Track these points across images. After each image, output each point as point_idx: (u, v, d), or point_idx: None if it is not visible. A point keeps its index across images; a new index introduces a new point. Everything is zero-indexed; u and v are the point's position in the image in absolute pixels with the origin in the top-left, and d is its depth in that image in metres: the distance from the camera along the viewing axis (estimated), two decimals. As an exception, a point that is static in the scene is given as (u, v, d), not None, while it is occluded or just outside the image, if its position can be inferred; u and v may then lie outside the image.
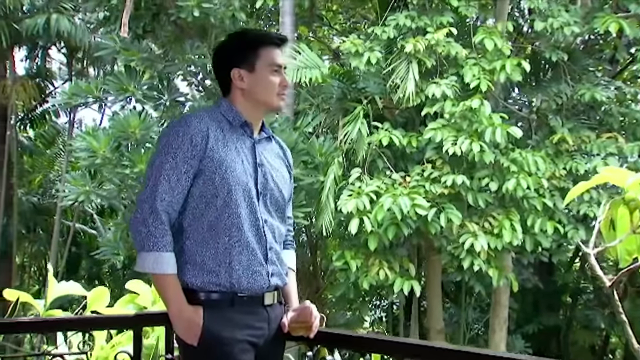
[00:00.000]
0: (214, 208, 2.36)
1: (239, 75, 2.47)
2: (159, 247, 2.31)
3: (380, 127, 9.19)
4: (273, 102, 2.50)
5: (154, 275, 2.35)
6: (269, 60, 2.49)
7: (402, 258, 9.47)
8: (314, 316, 2.53)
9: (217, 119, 2.44)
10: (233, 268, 2.37)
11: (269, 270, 2.44)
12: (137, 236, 2.33)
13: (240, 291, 2.39)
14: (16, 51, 14.29)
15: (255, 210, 2.42)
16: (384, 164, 9.32)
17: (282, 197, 2.53)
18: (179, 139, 2.35)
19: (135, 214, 2.34)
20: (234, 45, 2.52)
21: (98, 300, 3.64)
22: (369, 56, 9.09)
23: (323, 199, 8.90)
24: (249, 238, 2.39)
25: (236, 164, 2.39)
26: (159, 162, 2.36)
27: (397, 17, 9.40)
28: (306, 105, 9.87)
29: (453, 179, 8.87)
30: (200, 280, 2.36)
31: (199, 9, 9.27)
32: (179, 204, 2.36)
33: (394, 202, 8.55)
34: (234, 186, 2.36)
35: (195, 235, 2.37)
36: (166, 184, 2.33)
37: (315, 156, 9.14)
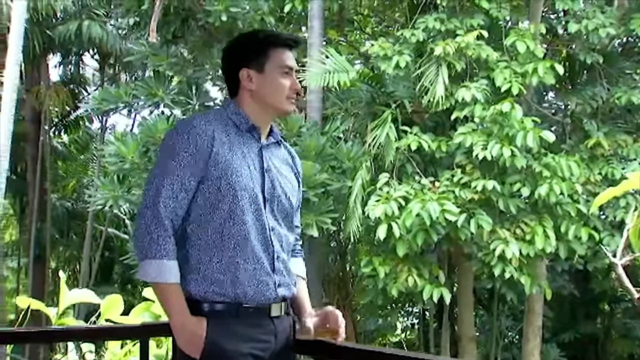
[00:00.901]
0: (219, 215, 2.26)
1: (247, 76, 2.37)
2: (161, 255, 2.21)
3: (409, 131, 9.06)
4: (282, 105, 2.40)
5: (155, 285, 2.26)
6: (279, 62, 2.38)
7: (431, 264, 9.32)
8: (341, 321, 2.42)
9: (223, 121, 2.34)
10: (238, 278, 2.26)
11: (276, 280, 2.33)
12: (139, 244, 2.23)
13: (246, 302, 2.28)
14: (50, 58, 14.46)
15: (262, 218, 2.31)
16: (412, 168, 9.19)
17: (289, 204, 2.42)
18: (184, 142, 2.25)
19: (137, 221, 2.25)
20: (244, 45, 2.42)
21: (111, 309, 3.58)
22: (398, 60, 8.98)
23: (351, 205, 8.80)
24: (256, 246, 2.29)
25: (242, 169, 2.28)
26: (162, 166, 2.26)
27: (426, 19, 9.27)
28: (335, 109, 9.76)
29: (483, 184, 8.70)
30: (204, 290, 2.26)
31: (226, 13, 9.26)
32: (182, 210, 2.26)
33: (423, 207, 8.42)
34: (239, 192, 2.26)
35: (200, 243, 2.27)
36: (170, 189, 2.23)
37: (343, 161, 9.05)
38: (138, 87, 9.66)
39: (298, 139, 9.23)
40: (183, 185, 2.24)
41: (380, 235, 8.49)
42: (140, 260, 2.24)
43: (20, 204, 16.31)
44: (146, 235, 2.21)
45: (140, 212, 2.25)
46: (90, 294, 3.62)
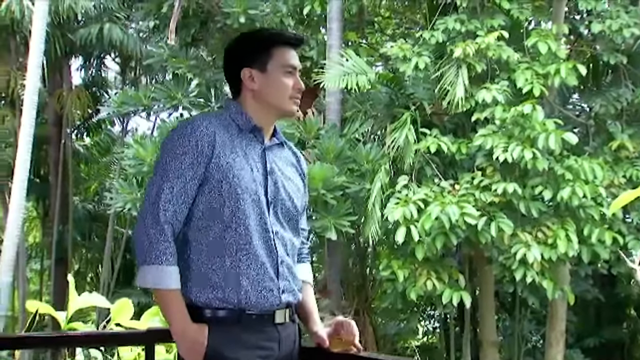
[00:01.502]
0: (221, 218, 2.20)
1: (249, 76, 2.31)
2: (161, 261, 2.15)
3: (428, 133, 8.96)
4: (285, 105, 2.34)
5: (155, 291, 2.20)
6: (282, 61, 2.32)
7: (451, 268, 9.20)
8: (355, 331, 2.37)
9: (225, 122, 2.28)
10: (241, 283, 2.20)
11: (280, 285, 2.26)
12: (139, 248, 2.18)
13: (249, 308, 2.22)
14: (72, 61, 14.56)
15: (266, 221, 2.25)
16: (432, 171, 9.09)
17: (294, 207, 2.35)
18: (184, 144, 2.20)
19: (137, 225, 2.20)
20: (246, 44, 2.37)
21: (121, 313, 3.55)
22: (417, 61, 8.89)
23: (369, 207, 8.72)
24: (259, 251, 2.22)
25: (244, 172, 2.23)
26: (162, 168, 2.21)
27: (446, 21, 9.17)
28: (354, 111, 9.69)
29: (504, 187, 8.58)
30: (205, 296, 2.20)
31: (245, 15, 9.24)
32: (183, 214, 2.20)
33: (442, 210, 8.32)
34: (242, 195, 2.20)
35: (201, 248, 2.22)
36: (170, 193, 2.18)
37: (362, 163, 8.98)
38: (157, 90, 9.67)
39: (316, 142, 9.18)
40: (183, 189, 2.19)
41: (399, 239, 8.41)
42: (139, 265, 2.19)
43: (44, 207, 16.42)
44: (145, 240, 2.16)
45: (140, 216, 2.21)
46: (100, 298, 3.59)
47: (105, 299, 3.64)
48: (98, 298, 3.63)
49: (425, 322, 16.20)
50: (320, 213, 8.79)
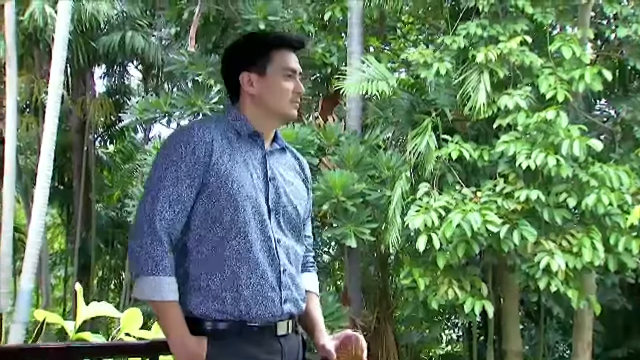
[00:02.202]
0: (220, 227, 2.13)
1: (248, 80, 2.24)
2: (158, 271, 2.07)
3: (450, 140, 8.84)
4: (285, 110, 2.26)
5: (152, 303, 2.11)
6: (282, 64, 2.25)
7: (473, 277, 9.06)
8: (363, 345, 2.28)
9: (223, 128, 2.21)
10: (241, 294, 2.12)
11: (282, 296, 2.18)
12: (135, 259, 2.10)
13: (250, 320, 2.14)
14: (95, 69, 14.66)
15: (267, 229, 2.17)
16: (453, 178, 8.96)
17: (297, 214, 2.27)
18: (181, 151, 2.13)
19: (132, 234, 2.13)
20: (244, 47, 2.30)
21: (131, 322, 3.47)
22: (438, 67, 8.78)
23: (390, 215, 8.61)
24: (259, 260, 2.14)
25: (244, 178, 2.15)
26: (158, 176, 2.13)
27: (467, 26, 9.05)
28: (374, 118, 9.60)
29: (527, 194, 8.43)
30: (205, 308, 2.12)
31: (264, 22, 9.21)
32: (181, 223, 2.13)
33: (464, 218, 8.19)
34: (241, 202, 2.13)
35: (200, 258, 2.14)
36: (166, 201, 2.10)
37: (382, 170, 8.88)
38: (177, 97, 9.67)
39: (337, 148, 9.10)
40: (180, 197, 2.11)
41: (420, 247, 8.29)
42: (135, 276, 2.11)
43: (67, 214, 16.54)
44: (141, 250, 2.08)
45: (135, 225, 2.13)
46: (108, 307, 3.52)
47: (114, 308, 3.58)
48: (107, 307, 3.55)
49: (449, 331, 16.00)
50: (340, 220, 8.70)
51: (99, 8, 11.88)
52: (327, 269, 12.66)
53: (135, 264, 2.10)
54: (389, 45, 12.89)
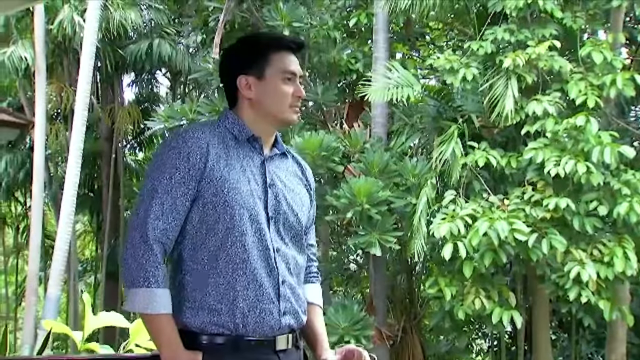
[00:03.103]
0: (216, 236, 2.04)
1: (246, 83, 2.15)
2: (149, 283, 1.98)
3: (476, 147, 8.68)
4: (285, 114, 2.17)
5: (143, 316, 2.03)
6: (281, 67, 2.16)
7: (501, 286, 8.87)
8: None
9: (220, 133, 2.13)
10: (237, 306, 2.03)
11: (280, 308, 2.08)
12: (126, 270, 2.01)
13: (247, 333, 2.04)
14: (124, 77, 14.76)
15: (265, 238, 2.08)
16: (480, 186, 8.80)
17: (298, 222, 2.18)
18: (174, 157, 2.04)
19: (124, 245, 2.05)
20: (242, 50, 2.21)
21: (139, 333, 3.42)
22: (465, 73, 8.64)
23: (415, 223, 8.48)
24: (257, 270, 2.05)
25: (241, 185, 2.06)
26: (152, 183, 2.05)
27: (495, 31, 8.90)
28: (400, 124, 9.49)
29: (556, 202, 8.24)
30: (200, 321, 2.03)
31: (289, 28, 9.15)
32: (175, 232, 2.04)
33: (491, 226, 8.03)
34: (237, 210, 2.04)
35: (195, 268, 2.05)
36: (159, 210, 2.02)
37: (407, 177, 8.76)
38: (202, 104, 9.66)
39: (361, 155, 9.00)
40: (174, 205, 2.03)
41: (446, 255, 8.15)
42: (127, 288, 2.03)
43: (97, 221, 16.65)
44: (133, 261, 2.00)
45: (128, 234, 2.05)
46: (118, 317, 3.46)
47: (123, 317, 3.52)
48: (116, 317, 3.49)
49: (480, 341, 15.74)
50: (365, 228, 8.59)
51: (126, 16, 11.95)
52: (354, 278, 12.53)
53: (126, 275, 2.02)
54: (417, 52, 12.77)
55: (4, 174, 14.81)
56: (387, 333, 9.71)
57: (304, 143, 8.70)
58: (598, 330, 12.01)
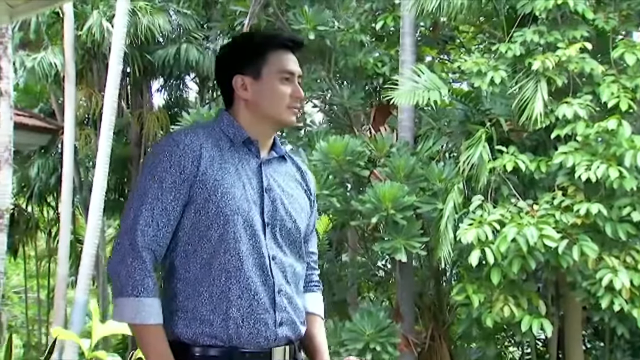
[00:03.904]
0: (209, 243, 1.96)
1: (242, 84, 2.07)
2: (139, 292, 1.90)
3: (505, 151, 8.51)
4: (282, 115, 2.08)
5: (133, 327, 1.96)
6: (278, 66, 2.08)
7: (530, 293, 8.67)
8: None
9: (214, 135, 2.05)
10: (230, 316, 1.94)
11: (276, 318, 1.99)
12: (115, 278, 1.94)
13: (241, 345, 1.96)
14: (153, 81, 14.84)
15: (260, 245, 1.99)
16: (509, 190, 8.61)
17: (296, 228, 2.08)
18: (166, 161, 1.97)
19: (113, 252, 1.97)
20: (238, 49, 2.13)
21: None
22: (493, 75, 8.48)
23: (441, 228, 8.33)
24: (251, 278, 1.97)
25: (235, 189, 1.98)
26: (142, 188, 1.98)
27: (524, 33, 8.72)
28: (427, 128, 9.35)
29: (587, 207, 8.02)
30: (192, 332, 1.95)
31: (314, 32, 9.08)
32: (166, 239, 1.96)
33: (519, 232, 7.85)
34: (231, 216, 1.96)
35: (188, 277, 1.97)
36: (149, 215, 1.94)
37: (434, 182, 8.61)
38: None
39: (387, 160, 8.88)
40: (165, 211, 1.95)
41: (473, 262, 7.98)
42: (115, 297, 1.95)
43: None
44: (122, 269, 1.92)
45: (116, 241, 1.97)
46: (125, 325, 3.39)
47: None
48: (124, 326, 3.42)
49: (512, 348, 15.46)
50: (390, 234, 8.47)
51: (154, 22, 12.00)
52: (382, 284, 12.39)
53: (114, 284, 1.94)
54: (448, 56, 12.60)
55: (36, 179, 14.97)
56: (414, 340, 9.56)
57: (329, 147, 8.62)
58: (634, 338, 11.70)
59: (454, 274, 11.30)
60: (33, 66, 12.12)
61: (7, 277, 21.23)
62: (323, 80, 9.66)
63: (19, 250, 17.17)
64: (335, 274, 11.24)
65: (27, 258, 18.66)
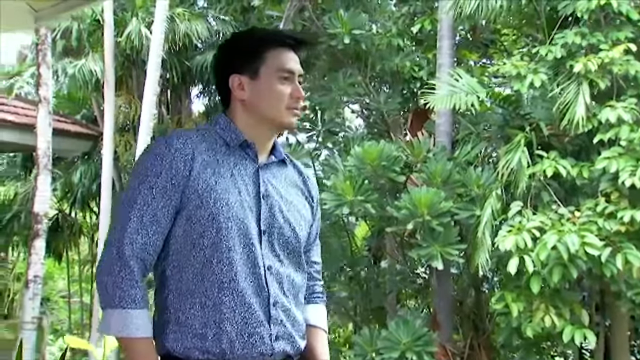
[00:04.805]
0: (201, 252, 1.86)
1: (238, 83, 1.97)
2: (126, 304, 1.81)
3: (545, 156, 8.26)
4: (281, 117, 1.98)
5: (120, 340, 1.87)
6: (277, 65, 1.97)
7: (573, 303, 8.39)
8: None
9: (209, 138, 1.95)
10: (223, 329, 1.85)
11: (272, 332, 1.89)
12: (101, 289, 1.86)
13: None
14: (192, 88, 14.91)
15: (255, 254, 1.89)
16: (549, 197, 8.35)
17: (295, 236, 1.97)
18: (156, 165, 1.88)
19: (100, 260, 1.89)
20: (235, 47, 2.04)
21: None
22: (533, 79, 8.25)
23: (479, 235, 8.12)
24: (245, 290, 1.86)
25: (229, 195, 1.88)
26: (131, 193, 1.89)
27: (565, 34, 8.47)
28: (466, 133, 9.15)
29: (632, 214, 7.72)
30: (184, 346, 1.86)
31: (349, 36, 8.97)
32: (156, 247, 1.87)
33: (560, 239, 7.60)
34: (224, 223, 1.86)
35: (179, 287, 1.88)
36: (137, 222, 1.85)
37: (471, 188, 8.41)
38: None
39: (423, 165, 8.71)
40: (155, 217, 1.85)
41: (511, 270, 7.75)
42: (102, 309, 1.87)
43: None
44: (108, 279, 1.83)
45: (104, 249, 1.88)
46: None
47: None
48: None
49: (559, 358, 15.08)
50: (427, 240, 8.30)
51: (193, 28, 12.05)
52: (421, 292, 12.19)
53: (101, 295, 1.86)
54: (490, 59, 12.36)
55: (79, 184, 15.15)
56: (452, 350, 9.35)
57: (364, 153, 8.49)
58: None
59: (496, 282, 11.06)
60: (74, 73, 12.27)
61: (53, 281, 21.63)
62: (359, 85, 9.53)
63: (63, 255, 17.41)
64: (373, 280, 11.09)
65: (71, 262, 18.92)
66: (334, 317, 14.49)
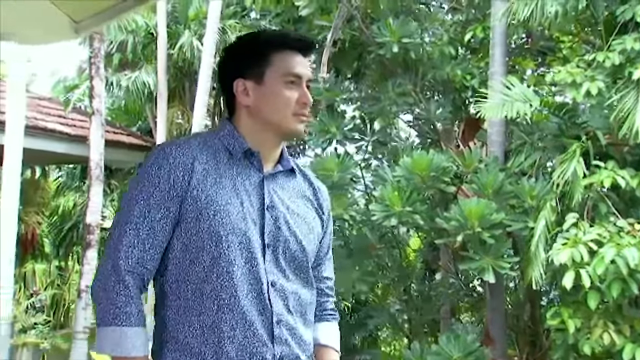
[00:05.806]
0: (201, 266, 1.77)
1: (243, 88, 1.88)
2: (120, 321, 1.73)
3: (602, 166, 7.94)
4: (287, 123, 1.88)
5: (114, 359, 1.78)
6: (283, 69, 1.87)
7: (632, 319, 8.01)
8: None
9: (211, 146, 1.86)
10: (223, 349, 1.74)
11: (275, 352, 1.78)
12: (97, 305, 1.78)
13: None
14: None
15: (258, 269, 1.78)
16: (607, 209, 8.01)
17: (302, 250, 1.86)
18: (154, 175, 1.80)
19: (95, 275, 1.81)
20: (240, 50, 1.95)
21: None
22: (589, 86, 7.94)
23: (532, 248, 7.84)
24: (246, 307, 1.76)
25: (231, 206, 1.78)
26: (127, 205, 1.81)
27: (624, 40, 8.13)
28: (519, 143, 8.87)
29: (696, 227, 7.36)
30: None
31: (398, 44, 8.81)
32: (153, 261, 1.79)
33: (619, 253, 7.26)
34: (225, 236, 1.76)
35: (178, 304, 1.79)
36: (134, 235, 1.77)
37: (524, 199, 8.13)
38: (311, 124, 9.49)
39: (474, 175, 8.48)
40: (152, 230, 1.77)
41: (567, 284, 7.44)
42: (97, 326, 1.79)
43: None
44: (103, 295, 1.76)
45: (99, 264, 1.81)
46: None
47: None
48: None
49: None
50: (478, 253, 8.06)
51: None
52: (475, 306, 11.90)
53: (97, 311, 1.78)
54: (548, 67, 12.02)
55: (135, 195, 15.36)
56: (506, 366, 9.06)
57: (413, 163, 8.31)
58: None
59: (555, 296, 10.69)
60: (128, 85, 12.46)
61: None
62: (409, 94, 9.36)
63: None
64: (425, 293, 10.87)
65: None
66: (387, 331, 14.29)
